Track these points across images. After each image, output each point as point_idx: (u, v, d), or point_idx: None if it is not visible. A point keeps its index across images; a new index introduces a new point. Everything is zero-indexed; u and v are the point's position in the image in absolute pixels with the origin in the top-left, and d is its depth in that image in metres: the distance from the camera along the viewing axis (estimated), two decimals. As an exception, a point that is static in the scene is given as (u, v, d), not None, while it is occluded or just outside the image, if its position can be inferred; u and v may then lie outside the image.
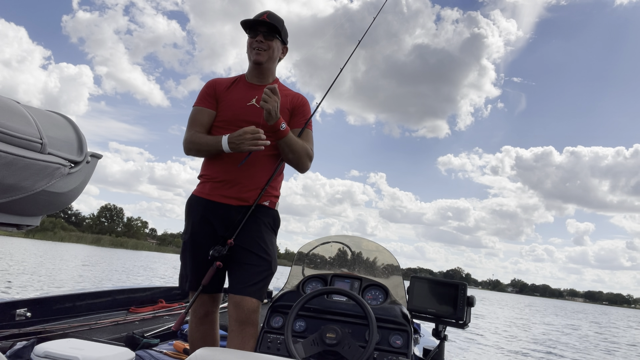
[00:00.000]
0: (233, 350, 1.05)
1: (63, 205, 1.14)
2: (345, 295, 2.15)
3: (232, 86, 2.26)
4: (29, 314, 2.64)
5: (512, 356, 9.91)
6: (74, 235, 70.60)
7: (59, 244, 56.69)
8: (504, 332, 15.04)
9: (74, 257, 27.53)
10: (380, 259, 2.63)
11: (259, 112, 2.15)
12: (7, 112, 0.89)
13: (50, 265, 19.61)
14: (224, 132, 2.14)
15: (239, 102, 2.20)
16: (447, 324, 2.26)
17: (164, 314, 3.51)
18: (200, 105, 2.23)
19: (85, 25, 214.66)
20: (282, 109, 2.20)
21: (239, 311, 2.03)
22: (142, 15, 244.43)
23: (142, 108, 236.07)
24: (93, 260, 26.48)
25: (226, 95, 2.23)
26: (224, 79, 2.32)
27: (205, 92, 2.26)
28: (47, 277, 14.30)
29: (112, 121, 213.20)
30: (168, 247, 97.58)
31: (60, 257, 26.36)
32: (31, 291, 10.21)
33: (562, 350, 12.16)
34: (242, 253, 2.10)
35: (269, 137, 2.06)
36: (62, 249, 39.80)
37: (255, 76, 2.27)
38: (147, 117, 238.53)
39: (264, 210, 2.18)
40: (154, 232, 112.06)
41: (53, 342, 1.79)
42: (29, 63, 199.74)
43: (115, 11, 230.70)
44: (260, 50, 2.19)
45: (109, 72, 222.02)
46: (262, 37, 2.19)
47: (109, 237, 78.57)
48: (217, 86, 2.26)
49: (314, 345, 2.00)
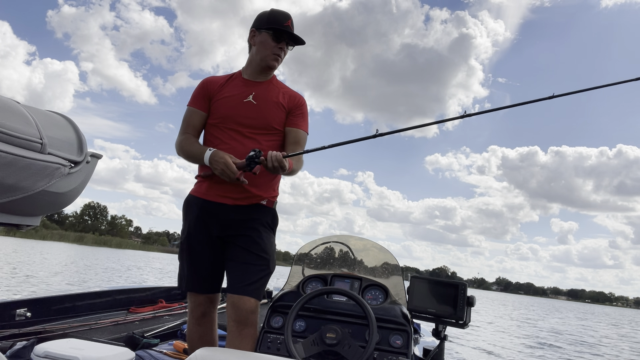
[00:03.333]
0: (233, 350, 1.05)
1: (63, 205, 1.14)
2: (345, 295, 2.15)
3: (227, 83, 2.23)
4: (29, 314, 2.64)
5: (511, 356, 9.91)
6: (56, 234, 69.35)
7: (40, 242, 54.81)
8: (499, 331, 15.05)
9: (53, 256, 27.01)
10: (380, 259, 2.63)
11: (254, 109, 2.15)
12: (7, 112, 0.89)
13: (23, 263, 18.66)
14: (219, 130, 2.15)
15: (235, 99, 2.17)
16: (447, 324, 2.26)
17: (164, 314, 3.51)
18: (193, 106, 2.24)
19: (70, 20, 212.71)
20: (278, 106, 2.20)
21: (238, 311, 2.02)
22: (128, 10, 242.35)
23: (128, 105, 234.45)
24: (70, 260, 25.88)
25: (221, 92, 2.20)
26: (218, 77, 2.30)
27: (198, 93, 2.24)
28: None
29: (96, 118, 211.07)
30: (153, 245, 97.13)
31: (40, 255, 25.88)
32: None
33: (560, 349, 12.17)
34: (240, 252, 2.09)
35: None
36: (41, 247, 38.54)
37: (257, 73, 2.24)
38: (132, 114, 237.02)
39: (262, 209, 2.17)
40: (138, 230, 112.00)
41: (53, 342, 1.79)
42: (13, 58, 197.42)
43: (101, 6, 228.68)
44: (279, 57, 2.19)
45: (94, 68, 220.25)
46: (286, 45, 2.20)
47: (92, 235, 77.35)
48: (211, 85, 2.24)
49: (314, 345, 2.00)
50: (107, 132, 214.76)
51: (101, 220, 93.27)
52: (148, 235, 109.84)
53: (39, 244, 47.55)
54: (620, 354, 13.10)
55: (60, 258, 24.61)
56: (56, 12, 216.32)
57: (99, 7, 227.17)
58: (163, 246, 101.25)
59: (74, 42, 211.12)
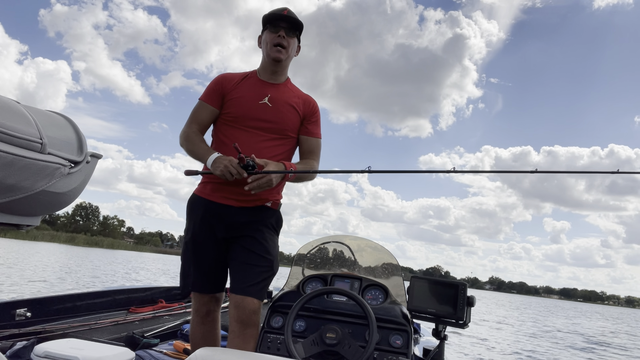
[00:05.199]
0: (233, 350, 1.05)
1: (63, 205, 1.14)
2: (345, 295, 2.15)
3: (243, 82, 2.20)
4: (29, 314, 2.64)
5: (512, 355, 9.92)
6: (47, 234, 68.25)
7: (31, 242, 54.28)
8: (497, 330, 15.04)
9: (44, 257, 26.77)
10: (380, 259, 2.62)
11: (269, 111, 2.13)
12: (7, 112, 0.89)
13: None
14: (232, 128, 2.13)
15: (251, 100, 2.15)
16: (447, 324, 2.26)
17: (164, 314, 3.51)
18: (205, 101, 2.21)
19: (63, 19, 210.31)
20: (293, 110, 2.18)
21: (240, 311, 2.02)
22: (121, 10, 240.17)
23: (122, 105, 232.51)
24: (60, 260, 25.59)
25: (236, 91, 2.17)
26: (234, 74, 2.27)
27: (212, 88, 2.21)
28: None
29: (87, 118, 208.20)
30: (145, 246, 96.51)
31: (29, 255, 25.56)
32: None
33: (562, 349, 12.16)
34: (244, 253, 2.09)
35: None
36: (32, 248, 37.96)
37: (270, 73, 2.21)
38: (125, 114, 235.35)
39: (267, 211, 2.17)
40: (131, 231, 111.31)
41: (53, 342, 1.79)
42: (4, 58, 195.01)
43: (94, 5, 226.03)
44: (281, 46, 2.14)
45: (87, 67, 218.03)
46: (284, 32, 2.14)
47: (83, 236, 76.47)
48: (226, 82, 2.20)
49: (314, 345, 2.00)
50: (99, 132, 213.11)
51: (93, 220, 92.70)
52: (141, 236, 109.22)
53: (29, 244, 47.02)
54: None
55: (48, 260, 24.17)
56: (48, 11, 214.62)
57: (91, 6, 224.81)
58: (156, 247, 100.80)
59: (67, 42, 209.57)
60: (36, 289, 11.29)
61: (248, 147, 2.07)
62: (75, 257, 30.45)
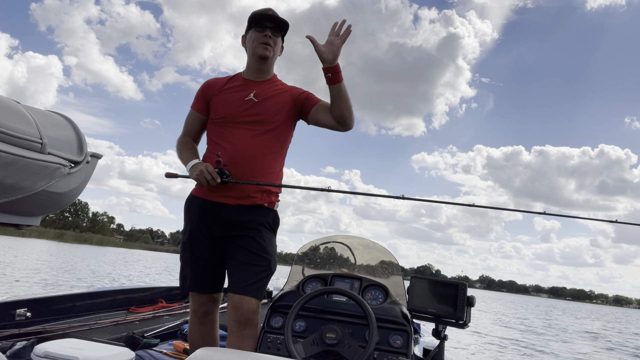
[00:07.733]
0: (233, 350, 1.05)
1: (63, 205, 1.14)
2: (345, 295, 2.15)
3: (228, 84, 2.26)
4: (29, 314, 2.64)
5: (511, 355, 9.91)
6: (36, 230, 66.53)
7: (19, 239, 52.88)
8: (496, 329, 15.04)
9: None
10: (380, 259, 2.63)
11: (256, 106, 2.16)
12: (7, 112, 0.89)
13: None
14: (222, 128, 2.18)
15: (236, 98, 2.20)
16: (447, 324, 2.26)
17: (164, 314, 3.51)
18: (192, 108, 2.32)
19: (54, 13, 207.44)
20: (280, 101, 2.21)
21: (239, 311, 2.02)
22: (112, 4, 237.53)
23: (113, 101, 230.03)
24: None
25: (221, 94, 2.23)
26: (219, 78, 2.33)
27: (198, 96, 2.31)
28: None
29: (77, 113, 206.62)
30: (136, 243, 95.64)
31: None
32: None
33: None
34: (241, 252, 2.10)
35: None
36: (19, 244, 37.64)
37: (255, 72, 2.25)
38: (116, 110, 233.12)
39: (264, 211, 2.17)
40: (121, 227, 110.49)
41: (53, 342, 1.79)
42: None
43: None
44: (267, 45, 2.19)
45: (79, 62, 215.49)
46: (270, 32, 2.19)
47: (72, 232, 75.83)
48: (210, 88, 2.27)
49: (314, 345, 2.00)
50: (89, 128, 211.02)
51: (82, 217, 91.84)
52: (131, 233, 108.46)
53: (17, 241, 46.22)
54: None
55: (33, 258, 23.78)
56: (39, 5, 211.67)
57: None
58: (146, 244, 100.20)
59: (58, 36, 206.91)
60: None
61: (241, 143, 2.11)
62: (64, 254, 30.20)
